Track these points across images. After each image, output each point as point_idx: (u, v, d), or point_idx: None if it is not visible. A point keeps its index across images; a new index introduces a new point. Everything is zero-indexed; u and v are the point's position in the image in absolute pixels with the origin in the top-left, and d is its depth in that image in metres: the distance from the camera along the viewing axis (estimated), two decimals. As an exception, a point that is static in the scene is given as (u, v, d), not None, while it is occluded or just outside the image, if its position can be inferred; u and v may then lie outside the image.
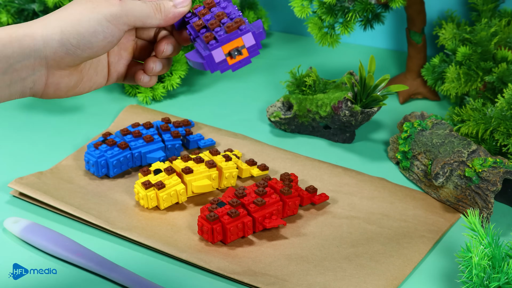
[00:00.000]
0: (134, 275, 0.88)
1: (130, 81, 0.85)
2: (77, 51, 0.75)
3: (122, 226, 0.96)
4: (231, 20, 0.80)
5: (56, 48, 0.74)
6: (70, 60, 0.76)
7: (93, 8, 0.76)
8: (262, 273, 0.89)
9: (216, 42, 0.79)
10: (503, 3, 1.27)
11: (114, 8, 0.76)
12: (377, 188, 1.04)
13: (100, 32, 0.76)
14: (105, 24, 0.76)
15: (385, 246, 0.94)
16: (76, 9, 0.76)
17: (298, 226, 0.97)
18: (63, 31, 0.74)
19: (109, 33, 0.76)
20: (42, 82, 0.76)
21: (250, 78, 1.33)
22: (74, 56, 0.76)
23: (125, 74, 0.84)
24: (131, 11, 0.77)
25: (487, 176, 0.96)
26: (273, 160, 1.09)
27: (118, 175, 1.06)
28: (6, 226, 0.95)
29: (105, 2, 0.76)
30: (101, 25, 0.75)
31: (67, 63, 0.76)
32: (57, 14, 0.76)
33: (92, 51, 0.76)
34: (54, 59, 0.75)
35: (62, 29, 0.74)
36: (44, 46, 0.74)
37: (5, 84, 0.74)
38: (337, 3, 1.14)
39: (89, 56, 0.77)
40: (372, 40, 1.43)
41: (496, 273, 0.81)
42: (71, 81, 0.78)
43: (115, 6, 0.76)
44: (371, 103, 1.09)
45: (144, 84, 0.83)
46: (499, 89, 1.12)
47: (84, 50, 0.76)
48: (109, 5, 0.76)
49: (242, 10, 1.38)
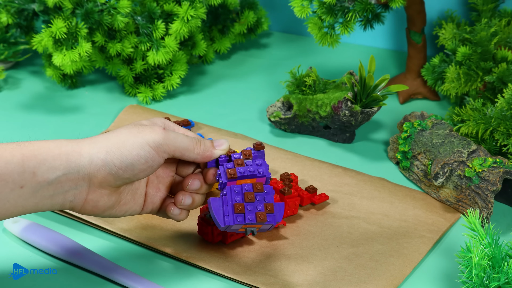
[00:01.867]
0: (134, 275, 0.88)
1: (163, 215, 0.89)
2: (119, 172, 0.80)
3: (122, 226, 0.96)
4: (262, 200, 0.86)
5: (100, 167, 0.79)
6: (111, 180, 0.81)
7: (138, 133, 0.81)
8: (262, 273, 0.89)
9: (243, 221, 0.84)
10: (503, 3, 1.27)
11: (157, 136, 0.81)
12: (377, 188, 1.04)
13: (142, 157, 0.81)
14: (147, 149, 0.81)
15: (385, 246, 0.94)
16: (123, 132, 0.82)
17: (298, 226, 0.97)
18: (108, 151, 0.79)
19: (150, 158, 0.81)
20: (82, 198, 0.81)
21: (250, 78, 1.33)
22: (115, 176, 0.80)
23: (160, 207, 0.89)
24: (173, 141, 0.82)
25: (487, 176, 0.96)
26: (273, 160, 1.09)
27: (118, 175, 1.06)
28: (6, 226, 0.95)
29: (150, 129, 0.82)
30: (143, 149, 0.81)
31: (108, 183, 0.81)
32: (105, 135, 0.81)
33: (133, 174, 0.81)
34: (97, 176, 0.80)
35: (107, 150, 0.79)
36: (89, 163, 0.79)
37: (48, 194, 0.79)
38: (337, 3, 1.14)
39: (130, 178, 0.81)
40: (372, 40, 1.43)
41: (496, 273, 0.81)
42: (109, 201, 0.83)
43: (158, 134, 0.81)
44: (371, 103, 1.09)
45: (174, 217, 0.88)
46: (499, 89, 1.13)
47: (125, 171, 0.80)
48: (153, 132, 0.81)
49: (242, 10, 1.38)
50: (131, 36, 1.24)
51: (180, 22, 1.22)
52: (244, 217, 0.85)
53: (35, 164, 0.77)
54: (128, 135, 0.81)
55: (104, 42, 1.23)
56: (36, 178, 0.77)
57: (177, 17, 1.23)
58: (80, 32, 1.19)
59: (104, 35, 1.23)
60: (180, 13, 1.22)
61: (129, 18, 1.23)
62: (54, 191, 0.79)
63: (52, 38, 1.19)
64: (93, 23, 1.20)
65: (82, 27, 1.20)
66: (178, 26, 1.22)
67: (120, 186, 0.83)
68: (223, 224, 0.84)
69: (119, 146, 0.80)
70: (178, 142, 0.83)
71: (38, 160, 0.77)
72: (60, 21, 1.19)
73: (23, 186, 0.77)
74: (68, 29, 1.19)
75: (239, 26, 1.38)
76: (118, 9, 1.21)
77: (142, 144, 0.81)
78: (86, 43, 1.19)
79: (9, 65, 1.34)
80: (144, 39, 1.22)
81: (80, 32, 1.19)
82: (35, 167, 0.77)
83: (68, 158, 0.79)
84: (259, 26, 1.41)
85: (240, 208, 0.84)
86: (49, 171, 0.78)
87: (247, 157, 0.87)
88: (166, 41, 1.22)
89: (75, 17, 1.20)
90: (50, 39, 1.19)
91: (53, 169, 0.78)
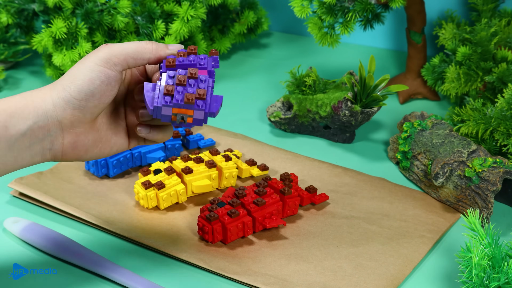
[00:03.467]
0: (134, 275, 0.88)
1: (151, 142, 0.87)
2: (82, 103, 0.79)
3: (122, 226, 0.96)
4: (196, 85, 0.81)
5: (64, 106, 0.79)
6: (80, 115, 0.80)
7: (84, 60, 0.81)
8: (262, 273, 0.89)
9: (170, 102, 0.80)
10: (503, 3, 1.27)
11: (101, 53, 0.80)
12: (377, 188, 1.04)
13: (96, 78, 0.79)
14: (97, 69, 0.80)
15: (385, 246, 0.94)
16: (73, 66, 0.81)
17: (298, 226, 0.97)
18: (64, 88, 0.79)
19: (104, 76, 0.80)
20: (59, 143, 0.81)
21: (250, 78, 1.33)
22: (81, 110, 0.80)
23: None
24: (119, 50, 0.81)
25: (487, 176, 0.96)
26: (273, 160, 1.09)
27: (118, 175, 1.06)
28: (6, 226, 0.95)
29: (94, 51, 0.81)
30: (93, 71, 0.79)
31: (79, 119, 0.80)
32: (61, 77, 0.81)
33: (96, 99, 0.80)
34: (65, 117, 0.79)
35: (63, 87, 0.79)
36: (54, 106, 0.79)
37: (24, 145, 0.79)
38: (337, 3, 1.14)
39: (97, 106, 0.80)
40: (372, 40, 1.43)
41: (496, 273, 0.81)
42: (88, 139, 0.82)
43: (102, 50, 0.80)
44: (371, 103, 1.09)
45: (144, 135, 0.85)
46: (499, 89, 1.13)
47: (88, 101, 0.80)
48: (97, 51, 0.81)
49: (242, 10, 1.38)
50: (131, 36, 1.24)
51: (180, 22, 1.22)
52: (172, 98, 0.81)
53: (5, 118, 0.78)
54: (77, 65, 0.80)
55: (104, 42, 1.23)
56: (9, 131, 0.78)
57: (177, 17, 1.23)
58: (80, 32, 1.20)
59: (104, 35, 1.23)
60: (180, 13, 1.22)
61: (129, 18, 1.23)
62: (30, 142, 0.79)
63: (52, 38, 1.19)
64: (93, 23, 1.20)
65: (82, 27, 1.20)
66: (178, 26, 1.22)
67: (93, 120, 0.82)
68: (151, 106, 0.81)
69: (72, 79, 0.79)
70: (126, 49, 0.81)
71: (7, 113, 0.78)
72: (60, 21, 1.19)
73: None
74: (68, 29, 1.19)
75: (239, 26, 1.38)
76: (118, 9, 1.21)
77: (90, 66, 0.79)
78: (86, 43, 1.19)
79: (9, 65, 1.34)
80: (144, 39, 1.22)
81: (80, 32, 1.20)
82: (6, 120, 0.77)
83: (35, 106, 0.79)
84: (259, 26, 1.41)
85: (169, 90, 0.80)
86: (20, 122, 0.78)
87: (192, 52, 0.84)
88: (166, 41, 1.22)
89: (75, 17, 1.20)
90: (50, 39, 1.19)
91: (24, 119, 0.78)
